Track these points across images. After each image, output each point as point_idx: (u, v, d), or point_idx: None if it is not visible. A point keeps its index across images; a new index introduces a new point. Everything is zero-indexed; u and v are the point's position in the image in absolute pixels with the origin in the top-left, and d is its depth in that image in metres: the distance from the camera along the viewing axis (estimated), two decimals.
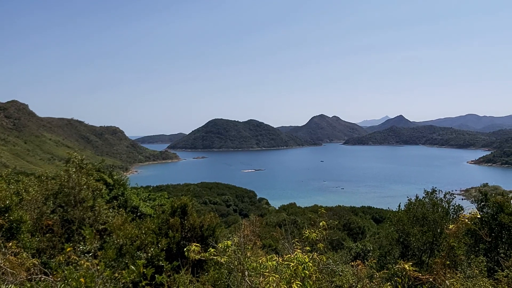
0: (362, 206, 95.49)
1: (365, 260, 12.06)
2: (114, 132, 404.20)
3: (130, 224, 12.08)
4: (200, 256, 5.83)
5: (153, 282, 5.71)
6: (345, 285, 8.62)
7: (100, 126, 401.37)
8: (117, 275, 5.78)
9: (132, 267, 5.29)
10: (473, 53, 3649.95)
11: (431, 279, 5.98)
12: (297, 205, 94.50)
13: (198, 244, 5.87)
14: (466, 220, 6.54)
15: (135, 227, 11.76)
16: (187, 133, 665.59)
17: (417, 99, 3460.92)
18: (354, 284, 8.13)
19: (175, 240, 12.19)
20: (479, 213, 18.63)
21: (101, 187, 13.99)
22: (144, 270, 5.19)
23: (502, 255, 12.33)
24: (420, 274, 5.92)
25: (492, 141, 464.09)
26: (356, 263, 7.71)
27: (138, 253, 10.63)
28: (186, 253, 5.84)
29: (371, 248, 26.56)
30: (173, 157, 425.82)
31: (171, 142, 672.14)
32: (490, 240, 17.26)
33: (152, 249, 10.89)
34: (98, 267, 5.77)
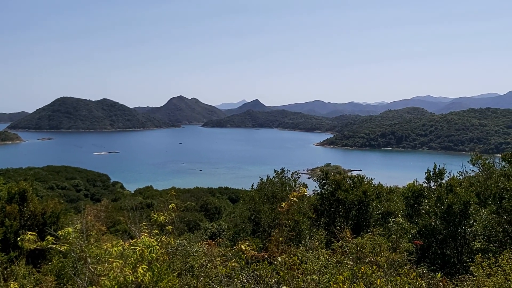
0: (220, 187, 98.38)
1: (219, 239, 12.46)
2: None
3: None
4: (37, 245, 5.35)
5: None
6: (197, 265, 8.81)
7: None
8: None
9: None
10: (317, 45, 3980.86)
11: (266, 256, 6.41)
12: (154, 188, 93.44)
13: (33, 233, 5.37)
14: (294, 198, 7.11)
15: None
16: (31, 112, 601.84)
17: (272, 85, 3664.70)
18: (205, 263, 8.33)
19: (12, 229, 11.09)
20: (316, 191, 20.75)
21: None
22: None
23: (338, 227, 13.81)
24: (256, 253, 6.30)
25: (335, 125, 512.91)
26: (207, 242, 7.89)
27: None
28: (20, 243, 5.30)
29: (226, 227, 27.50)
30: (14, 138, 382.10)
31: (11, 121, 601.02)
32: (316, 216, 19.32)
33: None
34: None
